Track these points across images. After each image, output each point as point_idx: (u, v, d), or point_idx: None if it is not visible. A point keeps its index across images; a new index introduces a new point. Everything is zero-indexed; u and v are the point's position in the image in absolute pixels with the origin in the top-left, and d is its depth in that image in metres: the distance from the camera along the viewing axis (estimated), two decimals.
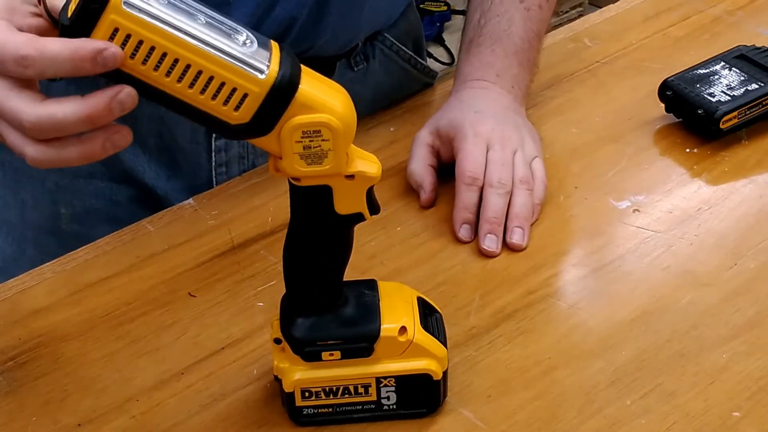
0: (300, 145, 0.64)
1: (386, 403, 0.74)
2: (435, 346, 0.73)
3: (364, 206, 0.69)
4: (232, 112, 0.62)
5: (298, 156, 0.64)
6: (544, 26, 1.04)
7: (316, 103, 0.63)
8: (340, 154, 0.65)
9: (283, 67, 0.62)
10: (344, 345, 0.71)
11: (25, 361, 0.82)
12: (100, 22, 0.59)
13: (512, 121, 0.96)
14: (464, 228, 0.90)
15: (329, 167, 0.65)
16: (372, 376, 0.72)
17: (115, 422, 0.76)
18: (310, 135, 0.64)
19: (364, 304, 0.73)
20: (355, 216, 0.69)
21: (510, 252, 0.90)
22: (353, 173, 0.67)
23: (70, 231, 0.97)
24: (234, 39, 0.62)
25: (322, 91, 0.64)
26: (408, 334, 0.72)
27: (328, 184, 0.67)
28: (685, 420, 0.74)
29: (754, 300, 0.84)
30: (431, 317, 0.75)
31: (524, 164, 0.93)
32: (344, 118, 0.64)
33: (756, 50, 1.05)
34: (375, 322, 0.72)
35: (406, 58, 1.11)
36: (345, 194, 0.67)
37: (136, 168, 1.01)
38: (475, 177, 0.91)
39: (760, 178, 0.97)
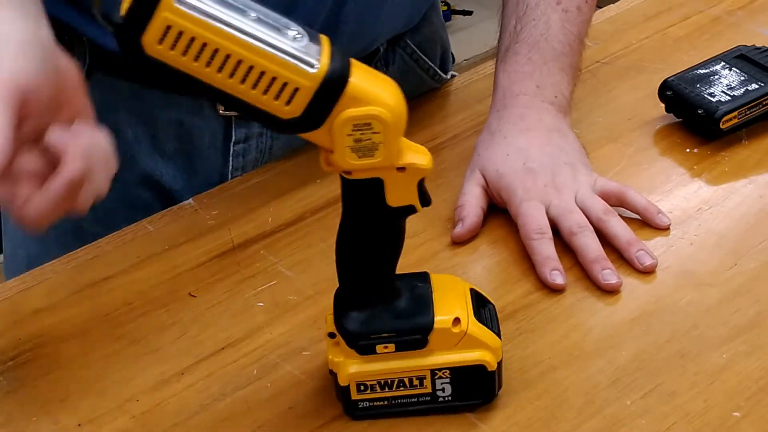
0: (351, 138, 0.64)
1: (441, 395, 0.74)
2: (489, 336, 0.73)
3: (416, 198, 0.69)
4: (283, 107, 0.62)
5: (349, 149, 0.65)
6: (585, 28, 1.01)
7: (367, 95, 0.64)
8: (391, 147, 0.65)
9: (333, 61, 0.63)
10: (398, 337, 0.71)
11: (25, 361, 0.82)
12: (153, 20, 0.60)
13: (560, 155, 0.92)
14: (554, 274, 0.85)
15: (380, 160, 0.65)
16: (427, 368, 0.72)
17: (115, 422, 0.76)
18: (361, 128, 0.64)
19: (417, 296, 0.73)
20: (406, 208, 0.69)
21: (510, 252, 0.90)
22: (404, 165, 0.67)
23: (92, 232, 0.98)
24: (285, 34, 0.62)
25: (373, 83, 0.65)
26: (462, 325, 0.71)
27: (380, 177, 0.67)
28: (685, 420, 0.74)
29: (754, 300, 0.84)
30: (484, 308, 0.75)
31: (593, 197, 0.90)
32: (395, 111, 0.64)
33: (756, 50, 1.05)
34: (428, 314, 0.72)
35: (425, 68, 1.11)
36: (396, 187, 0.67)
37: (154, 172, 1.01)
38: (542, 230, 0.88)
39: (760, 178, 0.97)
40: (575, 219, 0.88)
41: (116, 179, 1.01)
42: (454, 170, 0.99)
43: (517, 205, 0.90)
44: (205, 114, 0.99)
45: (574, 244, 0.88)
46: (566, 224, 0.88)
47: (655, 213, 0.91)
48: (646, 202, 0.91)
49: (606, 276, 0.85)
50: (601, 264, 0.86)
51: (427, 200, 0.70)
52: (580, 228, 0.88)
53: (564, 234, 0.88)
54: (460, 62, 2.57)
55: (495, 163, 0.93)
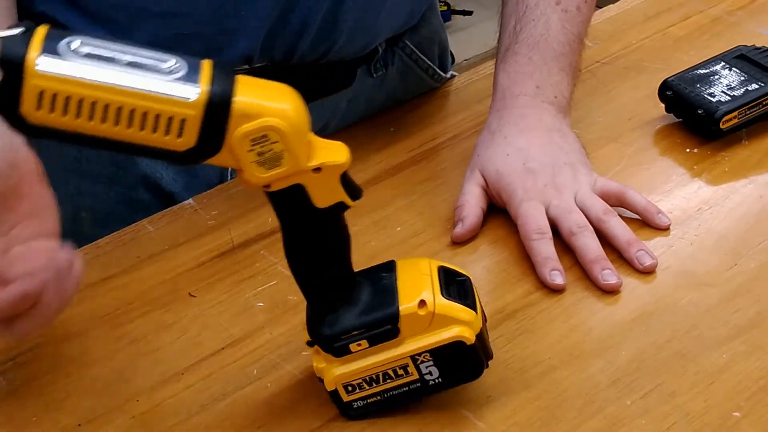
0: (253, 153, 0.64)
1: (430, 378, 0.73)
2: (461, 311, 0.72)
3: (343, 194, 0.68)
4: (176, 140, 0.62)
5: (255, 164, 0.65)
6: (585, 28, 1.00)
7: (256, 109, 0.64)
8: (296, 152, 0.65)
9: (214, 85, 0.62)
10: (368, 332, 0.71)
11: (25, 361, 0.81)
12: (24, 91, 0.60)
13: (560, 155, 0.93)
14: (554, 274, 0.86)
15: (289, 167, 0.65)
16: (406, 356, 0.72)
17: (115, 422, 0.76)
18: (259, 141, 0.64)
19: (382, 287, 0.73)
20: (336, 206, 0.69)
21: (510, 252, 0.90)
22: (318, 165, 0.66)
23: (92, 234, 0.98)
24: (159, 69, 0.62)
25: (262, 95, 0.65)
26: (428, 306, 0.71)
27: (298, 183, 0.67)
28: (685, 420, 0.74)
29: (754, 300, 0.84)
30: (455, 283, 0.74)
31: (592, 197, 0.90)
32: (288, 117, 0.64)
33: (756, 50, 1.05)
34: (393, 303, 0.71)
35: (425, 68, 1.11)
36: (319, 188, 0.67)
37: (153, 174, 1.01)
38: (542, 231, 0.88)
39: (760, 178, 0.97)
40: (575, 219, 0.88)
41: (116, 181, 1.02)
42: (454, 170, 0.99)
43: (516, 206, 0.90)
44: None
45: (573, 244, 0.88)
46: (566, 224, 0.88)
47: (654, 213, 0.91)
48: (646, 202, 0.91)
49: (606, 276, 0.85)
50: (600, 264, 0.86)
51: (356, 193, 0.69)
52: (580, 228, 0.88)
53: (564, 234, 0.88)
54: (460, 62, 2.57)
55: (495, 163, 0.93)
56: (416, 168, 1.01)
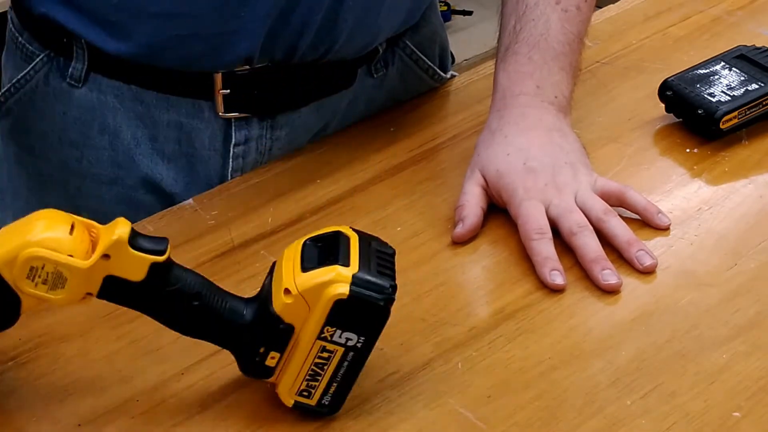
0: (40, 285, 0.68)
1: (353, 343, 0.72)
2: (320, 275, 0.70)
3: (147, 257, 0.69)
4: None
5: (50, 291, 0.68)
6: (585, 27, 1.00)
7: (10, 251, 0.67)
8: (69, 262, 0.68)
9: None
10: (267, 343, 0.72)
11: (25, 361, 0.81)
12: None
13: (560, 154, 0.92)
14: (554, 274, 0.85)
15: (75, 276, 0.68)
16: (315, 341, 0.72)
17: (115, 422, 0.76)
18: (32, 274, 0.67)
19: (262, 297, 0.73)
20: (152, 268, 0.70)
21: (510, 252, 0.90)
22: (103, 253, 0.68)
23: None
24: None
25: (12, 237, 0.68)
26: (291, 290, 0.71)
27: (104, 275, 0.69)
28: (685, 420, 0.74)
29: (754, 300, 0.84)
30: (317, 248, 0.73)
31: (593, 197, 0.90)
32: (38, 241, 0.67)
33: (756, 50, 1.05)
34: (269, 305, 0.72)
35: (425, 68, 1.11)
36: (122, 267, 0.69)
37: (154, 174, 1.01)
38: (542, 231, 0.87)
39: (760, 178, 0.97)
40: (575, 219, 0.88)
41: (116, 182, 1.02)
42: (454, 170, 0.99)
43: (517, 205, 0.90)
44: (204, 116, 0.99)
45: (573, 243, 0.88)
46: (566, 224, 0.88)
47: (654, 213, 0.91)
48: (646, 202, 0.91)
49: (606, 276, 0.85)
50: (600, 264, 0.86)
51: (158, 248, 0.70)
52: (580, 228, 0.88)
53: (564, 234, 0.88)
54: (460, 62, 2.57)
55: (495, 162, 0.93)
56: (416, 168, 1.01)
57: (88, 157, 1.00)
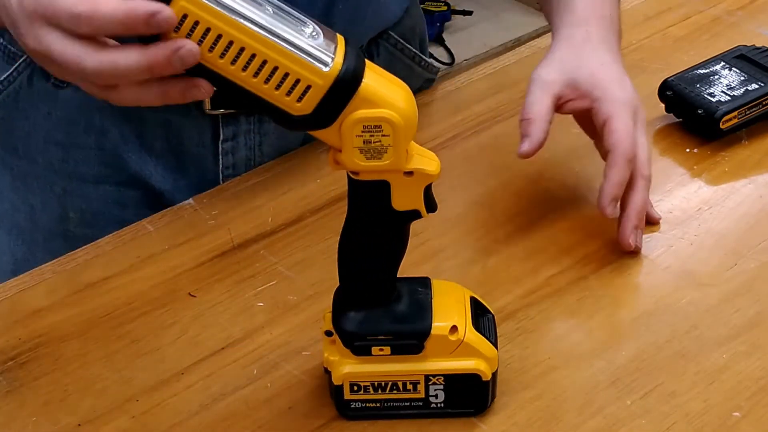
0: (360, 140, 0.64)
1: (434, 401, 0.74)
2: (485, 346, 0.73)
3: (422, 204, 0.69)
4: (294, 103, 0.62)
5: (358, 150, 0.65)
6: None
7: (379, 98, 0.64)
8: (400, 150, 0.65)
9: (347, 61, 0.62)
10: (394, 341, 0.72)
11: (25, 361, 0.82)
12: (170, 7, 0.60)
13: None
14: (612, 205, 0.86)
15: (389, 163, 0.65)
16: (421, 374, 0.72)
17: (115, 422, 0.77)
18: (371, 130, 0.64)
19: (417, 301, 0.73)
20: (411, 213, 0.69)
21: (510, 252, 0.90)
22: (412, 170, 0.67)
23: (79, 234, 0.98)
24: (301, 30, 0.62)
25: (385, 86, 0.65)
26: (459, 333, 0.72)
27: (387, 180, 0.67)
28: (685, 420, 0.74)
29: (754, 300, 0.84)
30: (483, 318, 0.75)
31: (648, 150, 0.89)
32: (405, 115, 0.65)
33: (756, 50, 1.05)
34: (426, 319, 0.72)
35: (411, 56, 1.11)
36: (403, 191, 0.68)
37: (143, 171, 1.01)
38: (634, 156, 0.87)
39: (760, 178, 0.97)
40: (649, 167, 0.88)
41: (104, 181, 1.01)
42: (455, 170, 0.99)
43: (617, 110, 0.87)
44: (192, 113, 0.99)
45: (635, 184, 0.87)
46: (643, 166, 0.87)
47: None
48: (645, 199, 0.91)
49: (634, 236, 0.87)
50: (639, 222, 0.87)
51: (433, 206, 0.70)
52: (647, 177, 0.88)
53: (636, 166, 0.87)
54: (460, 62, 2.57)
55: (589, 67, 0.90)
56: None
57: (74, 157, 1.00)
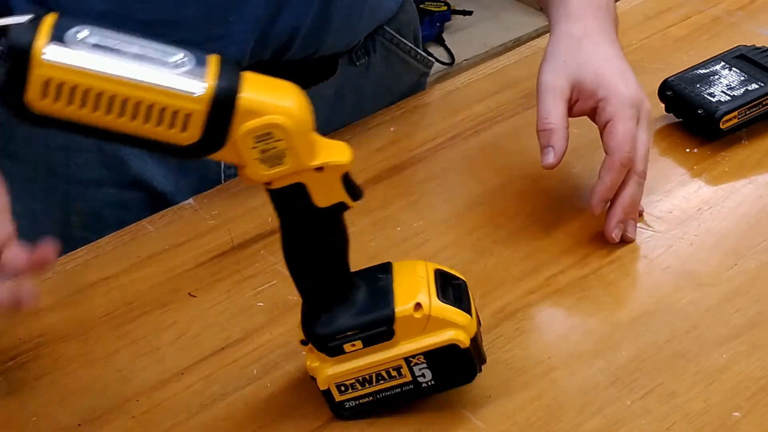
0: (256, 151, 0.64)
1: (423, 381, 0.73)
2: (456, 315, 0.72)
3: (344, 194, 0.68)
4: (179, 134, 0.62)
5: (258, 161, 0.65)
6: None
7: (261, 106, 0.64)
8: (299, 151, 0.65)
9: (220, 81, 0.63)
10: (363, 333, 0.71)
11: (25, 361, 0.82)
12: (30, 80, 0.60)
13: None
14: (601, 205, 0.87)
15: (291, 165, 0.65)
16: (400, 358, 0.72)
17: (115, 422, 0.77)
18: (263, 138, 0.64)
19: (378, 288, 0.73)
20: (337, 206, 0.69)
21: (510, 252, 0.90)
22: (320, 165, 0.66)
23: (81, 237, 0.98)
24: (165, 63, 0.62)
25: (267, 93, 0.65)
26: (424, 309, 0.71)
27: (300, 181, 0.67)
28: (685, 420, 0.74)
29: (754, 300, 0.84)
30: (451, 287, 0.74)
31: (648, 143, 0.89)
32: (293, 115, 0.64)
33: (756, 50, 1.05)
34: (389, 304, 0.71)
35: (407, 50, 1.11)
36: (320, 187, 0.67)
37: (144, 173, 1.01)
38: (631, 161, 0.87)
39: (760, 178, 0.97)
40: (645, 165, 0.88)
41: (105, 184, 1.01)
42: (454, 170, 0.99)
43: (621, 109, 0.87)
44: None
45: (628, 180, 0.87)
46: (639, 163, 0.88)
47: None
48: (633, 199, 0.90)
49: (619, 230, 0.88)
50: (627, 215, 0.88)
51: (357, 194, 0.69)
52: (643, 174, 0.88)
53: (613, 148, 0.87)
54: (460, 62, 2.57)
55: (593, 66, 0.90)
56: (416, 168, 1.01)
57: (75, 161, 1.00)
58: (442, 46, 2.61)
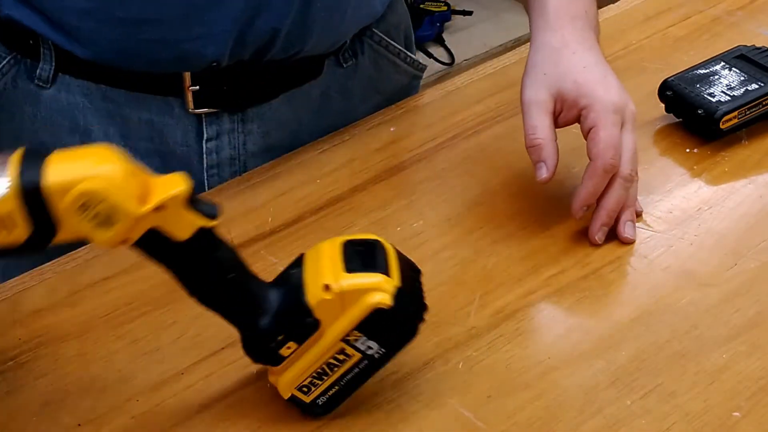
0: (86, 220, 0.65)
1: (372, 351, 0.72)
2: (369, 279, 0.70)
3: (198, 219, 0.68)
4: (10, 237, 0.64)
5: (94, 227, 0.65)
6: None
7: (68, 181, 0.64)
8: (124, 204, 0.65)
9: (23, 174, 0.63)
10: (290, 333, 0.72)
11: (25, 361, 0.81)
12: None
13: None
14: (582, 210, 0.88)
15: (125, 220, 0.65)
16: (337, 341, 0.72)
17: (115, 422, 0.76)
18: (86, 207, 0.64)
19: (290, 285, 0.72)
20: (200, 232, 0.68)
21: (510, 252, 0.90)
22: (157, 205, 0.66)
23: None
24: None
25: (71, 165, 0.65)
26: (333, 288, 0.70)
27: (151, 227, 0.67)
28: (685, 420, 0.74)
29: (754, 300, 0.84)
30: (359, 253, 0.72)
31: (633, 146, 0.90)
32: (101, 175, 0.65)
33: (756, 50, 1.05)
34: (302, 296, 0.71)
35: (396, 53, 1.11)
36: (172, 223, 0.67)
37: None
38: (615, 167, 0.88)
39: (760, 178, 0.97)
40: (632, 169, 0.89)
41: None
42: (454, 170, 0.99)
43: (603, 116, 0.88)
44: (174, 112, 0.98)
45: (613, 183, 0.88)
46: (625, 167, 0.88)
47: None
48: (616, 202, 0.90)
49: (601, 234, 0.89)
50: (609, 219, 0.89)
51: (210, 212, 0.68)
52: (629, 178, 0.89)
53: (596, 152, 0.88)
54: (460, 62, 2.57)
55: (573, 75, 0.90)
56: (416, 168, 1.01)
57: None
58: (442, 46, 2.61)
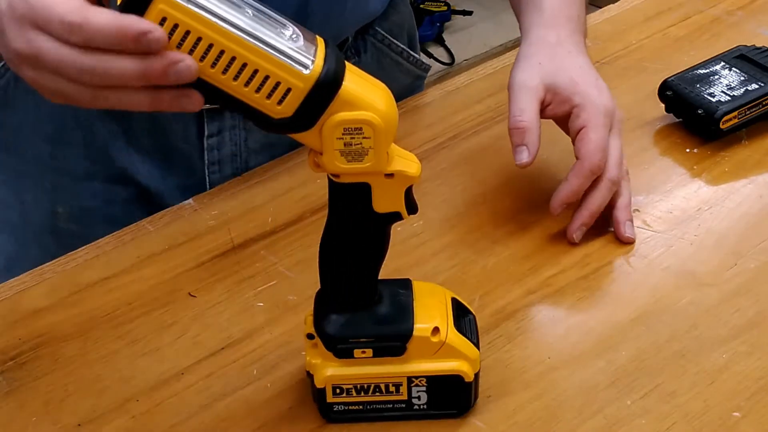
0: (341, 142, 0.64)
1: (417, 402, 0.74)
2: (467, 347, 0.73)
3: (402, 205, 0.69)
4: (275, 106, 0.62)
5: (338, 152, 0.64)
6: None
7: (359, 100, 0.63)
8: (381, 153, 0.65)
9: (327, 63, 0.62)
10: (377, 343, 0.72)
11: (25, 361, 0.82)
12: (149, 11, 0.59)
13: None
14: (561, 207, 0.89)
15: (369, 165, 0.65)
16: (403, 376, 0.72)
17: (115, 422, 0.77)
18: (352, 132, 0.64)
19: (398, 303, 0.73)
20: (392, 215, 0.69)
21: (510, 252, 0.90)
22: (393, 172, 0.67)
23: (68, 230, 0.97)
24: (281, 33, 0.62)
25: (366, 88, 0.64)
26: (441, 334, 0.71)
27: (368, 182, 0.67)
28: (685, 420, 0.74)
29: (754, 300, 0.84)
30: (465, 319, 0.75)
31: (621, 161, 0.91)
32: (386, 117, 0.64)
33: (756, 50, 1.05)
34: (408, 321, 0.72)
35: (398, 51, 1.11)
36: (384, 193, 0.67)
37: (130, 168, 1.01)
38: (601, 169, 0.88)
39: (760, 178, 0.97)
40: (618, 173, 0.89)
41: (92, 177, 1.01)
42: (454, 170, 0.99)
43: (594, 117, 0.88)
44: None
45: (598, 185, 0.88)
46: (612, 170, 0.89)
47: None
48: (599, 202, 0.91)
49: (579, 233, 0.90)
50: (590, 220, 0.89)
51: (414, 208, 0.70)
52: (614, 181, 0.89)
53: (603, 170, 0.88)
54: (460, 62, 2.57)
55: (569, 71, 0.91)
56: None
57: (62, 153, 1.00)
58: (442, 46, 2.61)
